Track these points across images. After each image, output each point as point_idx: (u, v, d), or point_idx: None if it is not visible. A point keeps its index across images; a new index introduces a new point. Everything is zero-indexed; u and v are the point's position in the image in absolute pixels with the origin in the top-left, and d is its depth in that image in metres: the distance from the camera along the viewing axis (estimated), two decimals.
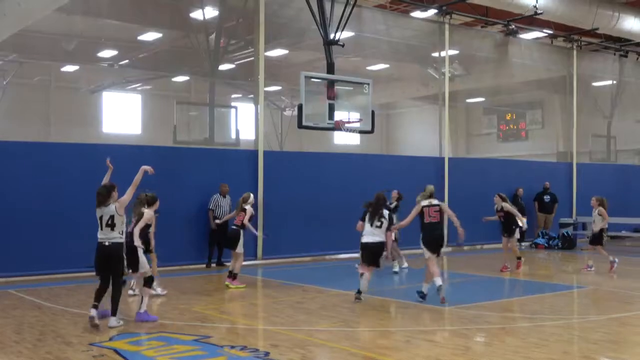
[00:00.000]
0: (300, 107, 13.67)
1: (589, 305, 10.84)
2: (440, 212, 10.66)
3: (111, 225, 8.50)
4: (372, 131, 14.90)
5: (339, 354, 7.37)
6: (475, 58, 22.00)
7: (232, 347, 7.57)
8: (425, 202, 10.62)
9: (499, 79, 22.95)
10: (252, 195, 12.55)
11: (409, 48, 20.39)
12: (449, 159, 19.87)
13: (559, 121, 25.31)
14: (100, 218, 8.57)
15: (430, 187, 11.02)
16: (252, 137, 16.82)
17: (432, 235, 10.57)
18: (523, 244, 20.45)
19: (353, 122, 14.66)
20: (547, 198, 21.20)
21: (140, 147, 16.02)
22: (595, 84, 24.54)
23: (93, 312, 8.37)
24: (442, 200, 18.96)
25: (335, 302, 10.71)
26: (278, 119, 27.76)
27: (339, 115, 14.29)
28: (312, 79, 14.29)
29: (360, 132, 15.46)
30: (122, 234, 8.70)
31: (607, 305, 10.31)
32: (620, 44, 23.14)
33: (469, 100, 28.42)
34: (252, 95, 18.52)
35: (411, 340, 8.08)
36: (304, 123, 13.79)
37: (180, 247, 14.70)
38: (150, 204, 10.23)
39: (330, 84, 14.31)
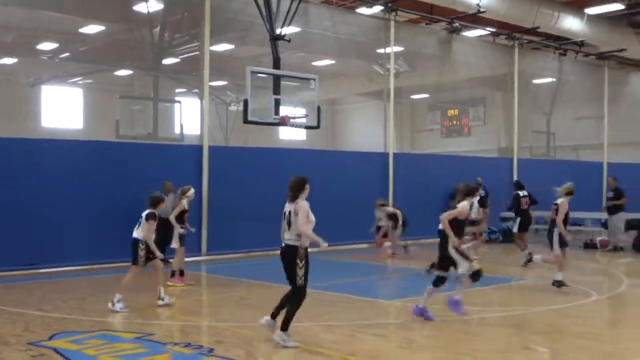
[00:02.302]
0: (246, 102, 13.62)
1: (530, 297, 11.08)
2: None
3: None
4: (318, 126, 14.96)
5: (284, 350, 7.37)
6: (419, 55, 22.25)
7: (176, 344, 7.49)
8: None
9: (443, 75, 23.26)
10: (192, 189, 12.17)
11: (354, 44, 20.48)
12: (394, 154, 20.05)
13: (501, 117, 25.83)
14: None
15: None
16: (197, 132, 16.65)
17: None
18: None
19: (299, 117, 14.69)
20: (482, 193, 21.57)
21: (81, 142, 15.67)
22: (535, 81, 25.10)
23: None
24: (386, 195, 19.27)
25: (280, 297, 10.69)
26: (223, 114, 27.56)
27: (285, 111, 14.29)
28: (258, 74, 14.25)
29: (306, 127, 15.50)
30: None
31: (547, 297, 10.57)
32: (560, 43, 23.71)
33: (413, 97, 28.76)
34: (197, 90, 18.34)
35: (356, 334, 8.13)
36: (250, 118, 13.75)
37: (123, 244, 14.43)
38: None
39: (277, 79, 14.30)
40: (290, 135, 29.90)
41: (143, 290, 11.27)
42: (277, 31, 14.98)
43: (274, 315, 7.73)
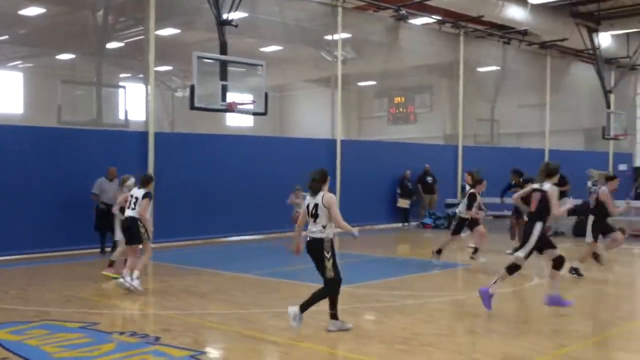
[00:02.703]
0: (192, 88, 13.45)
1: (474, 281, 11.28)
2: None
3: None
4: (265, 113, 14.88)
5: (231, 337, 7.36)
6: (367, 42, 22.31)
7: (122, 333, 7.40)
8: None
9: (390, 63, 23.40)
10: (132, 178, 11.48)
11: (302, 30, 20.41)
12: (341, 141, 20.13)
13: (447, 105, 26.14)
14: None
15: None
16: (142, 118, 16.38)
17: None
18: (412, 223, 21.12)
19: (246, 103, 14.59)
20: (429, 179, 21.89)
21: (21, 128, 15.27)
22: (480, 69, 25.48)
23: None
24: (334, 182, 19.34)
25: (228, 285, 10.68)
26: (169, 100, 27.17)
27: (232, 97, 14.17)
28: (205, 60, 14.08)
29: (254, 113, 15.43)
30: None
31: (490, 281, 10.77)
32: (504, 32, 24.09)
33: (360, 84, 28.85)
34: (141, 75, 18.01)
35: (304, 320, 8.16)
36: (197, 104, 13.60)
37: (66, 232, 14.15)
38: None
39: (223, 65, 14.15)
40: (238, 122, 29.67)
41: (86, 279, 11.08)
42: (224, 16, 14.80)
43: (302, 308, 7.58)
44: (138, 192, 10.17)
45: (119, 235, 11.24)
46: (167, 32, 19.64)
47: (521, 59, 26.02)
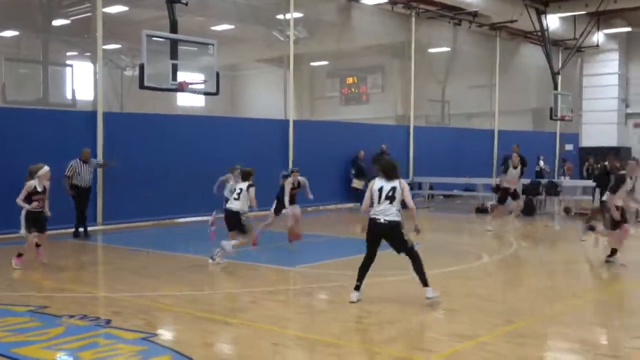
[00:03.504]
0: (141, 67, 13.20)
1: (426, 260, 11.40)
2: None
3: None
4: (217, 93, 14.73)
5: (184, 318, 7.31)
6: (319, 22, 22.23)
7: (71, 316, 7.27)
8: None
9: (342, 43, 23.38)
10: (45, 167, 10.53)
11: (254, 9, 20.21)
12: (294, 121, 20.08)
13: (398, 85, 26.28)
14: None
15: None
16: (90, 97, 16.04)
17: None
18: (360, 204, 21.21)
19: (197, 83, 14.41)
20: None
21: None
22: (431, 50, 25.66)
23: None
24: (287, 162, 19.32)
25: (181, 267, 10.59)
26: (118, 79, 26.61)
27: (182, 76, 13.97)
28: (154, 38, 13.83)
29: (205, 93, 15.25)
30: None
31: (440, 260, 10.94)
32: (455, 13, 24.28)
33: (313, 64, 28.75)
34: (89, 54, 17.59)
35: (257, 301, 8.17)
36: (146, 83, 13.36)
37: (11, 214, 13.78)
38: None
39: (174, 43, 13.93)
40: (189, 102, 29.29)
41: (34, 262, 10.85)
42: None
43: (423, 284, 7.93)
44: (242, 185, 10.67)
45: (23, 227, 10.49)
46: (116, 9, 19.18)
47: (471, 40, 26.30)
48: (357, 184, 21.24)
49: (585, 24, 27.68)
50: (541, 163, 25.24)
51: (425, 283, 7.88)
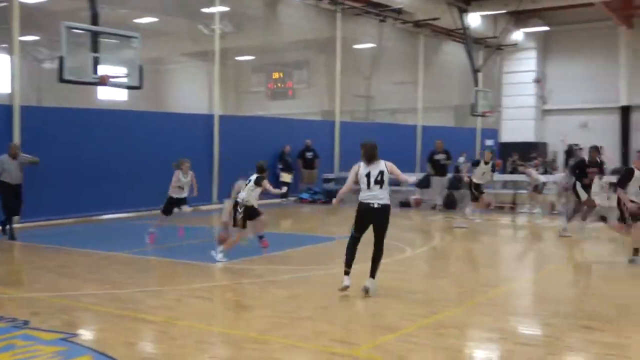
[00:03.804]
0: (61, 60, 12.81)
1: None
2: None
3: None
4: (140, 87, 14.44)
5: (105, 318, 7.16)
6: (245, 16, 22.11)
7: None
8: None
9: (268, 38, 23.32)
10: None
11: (179, 2, 19.91)
12: (220, 116, 19.92)
13: (324, 81, 26.40)
14: None
15: None
16: (6, 90, 15.46)
17: None
18: (290, 198, 21.26)
19: (120, 77, 14.10)
20: (309, 155, 22.11)
21: None
22: (356, 46, 25.88)
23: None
24: (212, 158, 19.15)
25: (102, 265, 10.37)
26: (36, 72, 25.75)
27: (104, 70, 13.63)
28: (75, 30, 13.43)
29: (128, 87, 14.92)
30: None
31: (367, 253, 11.05)
32: (380, 9, 24.57)
33: (238, 58, 28.60)
34: (5, 45, 16.94)
35: (182, 298, 8.09)
36: (66, 77, 12.97)
37: None
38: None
39: (95, 36, 13.57)
40: (111, 96, 28.62)
41: None
42: None
43: (373, 275, 8.15)
44: (253, 177, 10.64)
45: None
46: None
47: (396, 37, 26.67)
48: (285, 177, 21.24)
49: (505, 23, 28.52)
50: (461, 159, 25.86)
51: (373, 275, 8.12)
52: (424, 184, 20.29)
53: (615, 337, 6.41)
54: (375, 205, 7.95)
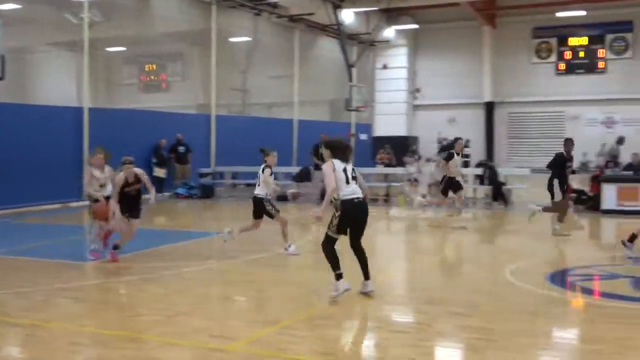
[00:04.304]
0: None
1: (226, 249, 11.44)
2: None
3: None
4: (2, 77, 13.66)
5: None
6: (115, 5, 21.36)
7: None
8: None
9: (141, 29, 22.66)
10: None
11: None
12: (90, 109, 19.15)
13: (199, 74, 26.03)
14: None
15: None
16: None
17: None
18: (165, 194, 20.83)
19: None
20: (181, 149, 21.73)
21: None
22: (232, 39, 25.69)
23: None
24: (81, 152, 18.39)
25: None
26: None
27: None
28: None
29: None
30: None
31: (243, 249, 11.03)
32: (255, 3, 24.49)
33: (109, 49, 27.62)
34: None
35: (50, 299, 7.73)
36: None
37: None
38: None
39: None
40: None
41: None
42: None
43: (367, 277, 7.75)
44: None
45: None
46: None
47: (271, 31, 26.70)
48: (159, 172, 20.76)
49: (377, 20, 29.25)
50: (411, 168, 26.23)
51: (369, 276, 7.77)
52: (301, 177, 20.52)
53: (481, 322, 6.74)
54: (359, 200, 7.56)
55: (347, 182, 7.51)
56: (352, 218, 7.54)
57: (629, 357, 5.66)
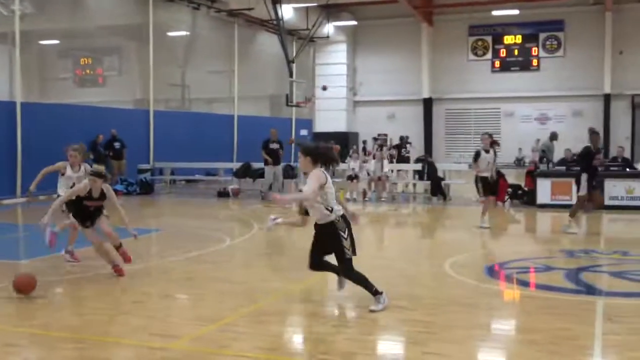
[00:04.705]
0: None
1: (167, 246, 11.31)
2: None
3: None
4: None
5: None
6: None
7: None
8: None
9: (75, 22, 22.15)
10: None
11: None
12: (22, 104, 18.60)
13: (137, 69, 25.61)
14: None
15: None
16: None
17: None
18: None
19: None
20: (117, 145, 21.33)
21: None
22: (170, 34, 25.36)
23: None
24: (14, 149, 17.86)
25: None
26: None
27: None
28: None
29: None
30: None
31: (184, 245, 10.92)
32: None
33: (42, 42, 26.86)
34: None
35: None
36: None
37: None
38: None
39: None
40: None
41: None
42: None
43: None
44: None
45: None
46: None
47: (210, 25, 26.47)
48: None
49: (317, 16, 29.31)
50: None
51: (374, 292, 6.93)
52: (242, 173, 20.42)
53: (422, 315, 6.85)
54: (343, 216, 6.86)
55: (335, 197, 6.80)
56: (351, 229, 6.89)
57: (563, 346, 5.84)
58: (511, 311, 7.39)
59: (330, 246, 6.83)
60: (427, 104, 33.15)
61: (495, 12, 30.51)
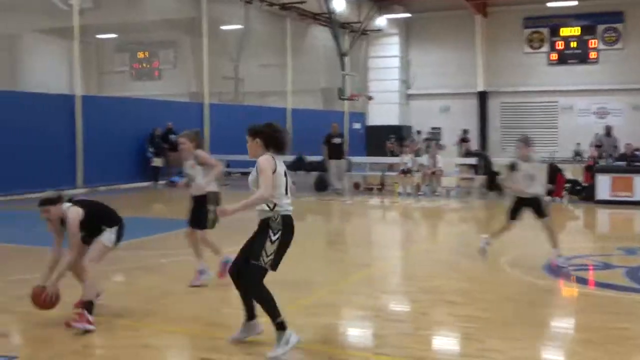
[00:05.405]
0: None
1: (227, 240, 11.36)
2: None
3: None
4: None
5: None
6: None
7: None
8: None
9: (132, 16, 22.56)
10: None
11: None
12: (82, 96, 19.02)
13: (191, 62, 25.91)
14: None
15: None
16: None
17: None
18: (161, 182, 20.68)
19: None
20: (173, 137, 21.55)
21: None
22: (223, 27, 25.56)
23: None
24: (74, 140, 18.28)
25: None
26: None
27: None
28: None
29: None
30: None
31: (237, 238, 10.96)
32: None
33: (100, 36, 27.46)
34: None
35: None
36: None
37: None
38: None
39: None
40: None
41: None
42: None
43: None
44: None
45: None
46: None
47: (263, 19, 26.58)
48: (157, 162, 20.61)
49: (369, 9, 29.14)
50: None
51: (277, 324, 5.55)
52: (297, 166, 20.38)
53: (477, 310, 6.75)
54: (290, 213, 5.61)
55: (287, 191, 5.58)
56: (289, 240, 5.57)
57: (621, 346, 5.68)
58: (568, 309, 7.23)
59: (252, 243, 5.61)
60: (482, 97, 32.64)
61: (551, 4, 29.81)
